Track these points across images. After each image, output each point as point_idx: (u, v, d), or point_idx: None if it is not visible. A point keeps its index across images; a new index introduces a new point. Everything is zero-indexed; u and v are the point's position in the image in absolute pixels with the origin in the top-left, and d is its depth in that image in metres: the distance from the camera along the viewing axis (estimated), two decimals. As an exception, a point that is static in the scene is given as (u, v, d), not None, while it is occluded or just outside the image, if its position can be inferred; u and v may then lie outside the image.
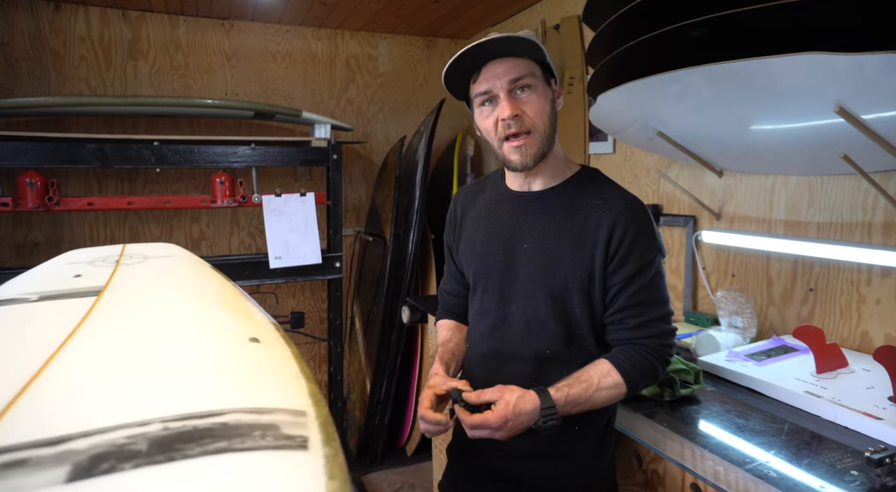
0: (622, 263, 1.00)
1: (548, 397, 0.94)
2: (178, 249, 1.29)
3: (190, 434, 0.37)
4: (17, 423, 0.40)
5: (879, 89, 1.05)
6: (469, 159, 3.11)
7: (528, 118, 1.00)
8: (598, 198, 1.04)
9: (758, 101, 1.28)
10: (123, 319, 0.71)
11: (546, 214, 1.07)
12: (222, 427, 0.38)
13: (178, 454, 0.33)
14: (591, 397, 0.96)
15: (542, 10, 2.56)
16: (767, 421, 1.10)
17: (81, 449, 0.35)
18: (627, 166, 2.08)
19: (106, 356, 0.55)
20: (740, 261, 1.66)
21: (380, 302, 2.85)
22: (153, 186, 2.76)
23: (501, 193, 1.15)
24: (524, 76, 0.99)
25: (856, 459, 0.95)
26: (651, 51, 1.31)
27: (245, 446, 0.35)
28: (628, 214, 1.01)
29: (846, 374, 1.24)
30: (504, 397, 0.94)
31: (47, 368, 0.50)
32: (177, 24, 2.76)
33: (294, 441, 0.36)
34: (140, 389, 0.47)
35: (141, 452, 0.34)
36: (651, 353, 1.00)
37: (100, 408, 0.43)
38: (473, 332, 1.18)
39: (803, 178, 1.48)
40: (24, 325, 0.68)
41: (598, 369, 0.98)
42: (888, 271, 1.31)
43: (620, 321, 1.02)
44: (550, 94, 1.04)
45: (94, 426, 0.38)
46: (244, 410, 0.42)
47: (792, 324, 1.52)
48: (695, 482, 1.04)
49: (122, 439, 0.36)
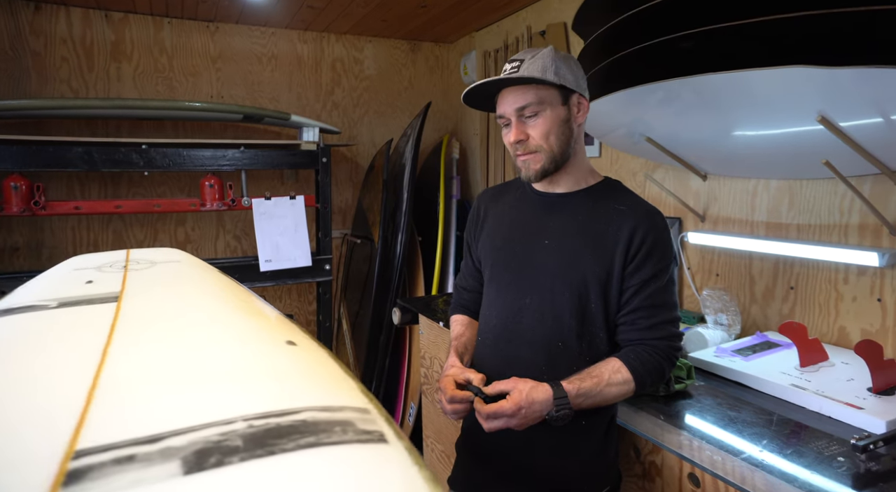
0: (640, 266, 1.06)
1: (560, 389, 0.99)
2: (183, 255, 1.30)
3: (277, 431, 0.39)
4: (100, 424, 0.41)
5: (855, 100, 1.12)
6: (455, 162, 3.15)
7: (534, 141, 1.10)
8: (620, 204, 1.11)
9: (742, 109, 1.34)
10: (154, 325, 0.72)
11: (569, 214, 1.14)
12: (303, 424, 0.41)
13: (276, 448, 0.36)
14: (601, 391, 1.01)
15: (528, 16, 2.62)
16: (757, 413, 1.16)
17: (181, 446, 0.37)
18: (614, 169, 2.14)
19: (156, 361, 0.57)
20: (724, 261, 1.74)
21: (367, 304, 2.87)
22: (137, 188, 2.73)
23: (527, 193, 1.22)
24: (530, 105, 1.09)
25: (841, 446, 1.01)
26: (640, 61, 1.37)
27: (331, 440, 0.38)
28: (649, 220, 1.08)
29: (827, 367, 1.32)
30: (518, 386, 1.00)
31: (102, 373, 0.52)
32: (161, 25, 2.74)
33: (373, 436, 0.40)
34: (206, 390, 0.49)
35: (239, 447, 0.37)
36: (659, 353, 1.05)
37: (176, 408, 0.45)
38: (487, 321, 1.23)
39: (783, 181, 1.56)
40: (53, 331, 0.69)
41: (609, 365, 1.04)
42: (863, 270, 1.39)
43: (633, 322, 1.07)
44: (564, 113, 1.11)
45: (182, 425, 0.40)
46: (316, 408, 0.44)
47: (774, 321, 1.60)
48: (692, 472, 1.09)
49: (215, 437, 0.39)
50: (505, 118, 1.13)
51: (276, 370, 0.57)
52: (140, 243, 2.76)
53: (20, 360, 0.58)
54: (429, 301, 2.46)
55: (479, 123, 3.12)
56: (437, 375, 2.23)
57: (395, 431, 0.42)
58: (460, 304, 1.36)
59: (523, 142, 1.10)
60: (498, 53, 2.85)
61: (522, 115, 1.10)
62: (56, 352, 0.61)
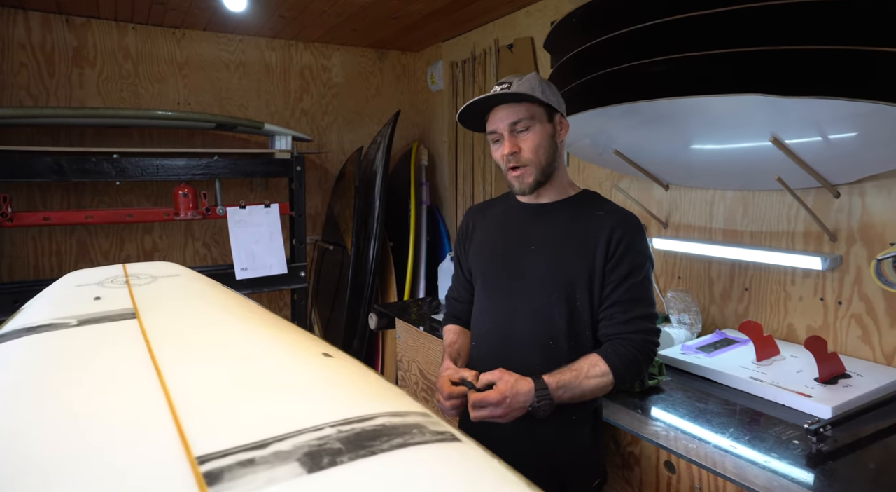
0: (618, 263, 1.16)
1: (541, 381, 1.08)
2: (181, 268, 1.33)
3: (366, 434, 0.46)
4: (202, 433, 0.46)
5: (799, 122, 1.26)
6: (424, 168, 3.22)
7: (525, 154, 1.20)
8: (599, 210, 1.23)
9: (700, 126, 1.48)
10: (187, 339, 0.77)
11: (552, 221, 1.24)
12: (384, 428, 0.47)
13: (376, 448, 0.43)
14: (580, 383, 1.10)
15: (496, 29, 2.72)
16: (722, 404, 1.29)
17: (289, 449, 0.43)
18: (581, 178, 2.27)
19: (213, 373, 0.62)
20: (685, 265, 1.88)
21: (340, 308, 2.91)
22: (102, 197, 2.67)
23: (512, 206, 1.32)
24: (521, 120, 1.19)
25: (795, 431, 1.15)
26: (613, 82, 1.48)
27: (416, 441, 0.45)
28: (625, 222, 1.19)
29: (779, 361, 1.46)
30: (504, 377, 1.08)
31: (168, 386, 0.56)
32: (125, 31, 2.69)
33: (445, 436, 0.47)
34: (278, 399, 0.55)
35: (342, 449, 0.43)
36: (635, 347, 1.15)
37: (262, 416, 0.50)
38: (480, 326, 1.31)
39: (738, 192, 1.71)
40: (89, 348, 0.72)
41: (588, 360, 1.13)
42: (808, 273, 1.55)
43: (611, 316, 1.17)
44: (550, 130, 1.22)
45: (279, 432, 0.46)
46: (387, 414, 0.51)
47: (731, 319, 1.75)
48: (668, 460, 1.21)
49: (314, 441, 0.44)
50: (497, 133, 1.22)
51: (330, 380, 0.63)
52: (106, 253, 2.70)
53: (77, 376, 0.62)
54: (405, 306, 2.52)
55: (447, 131, 3.20)
56: (415, 377, 2.29)
57: (459, 431, 0.49)
58: (452, 314, 1.44)
59: (516, 154, 1.19)
60: (465, 64, 2.94)
61: (515, 129, 1.19)
62: (107, 368, 0.65)
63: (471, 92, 2.91)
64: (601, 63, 1.48)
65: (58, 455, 0.42)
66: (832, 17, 1.08)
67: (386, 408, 0.52)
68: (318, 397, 0.55)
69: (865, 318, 1.44)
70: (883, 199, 1.39)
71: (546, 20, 2.39)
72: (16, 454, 0.42)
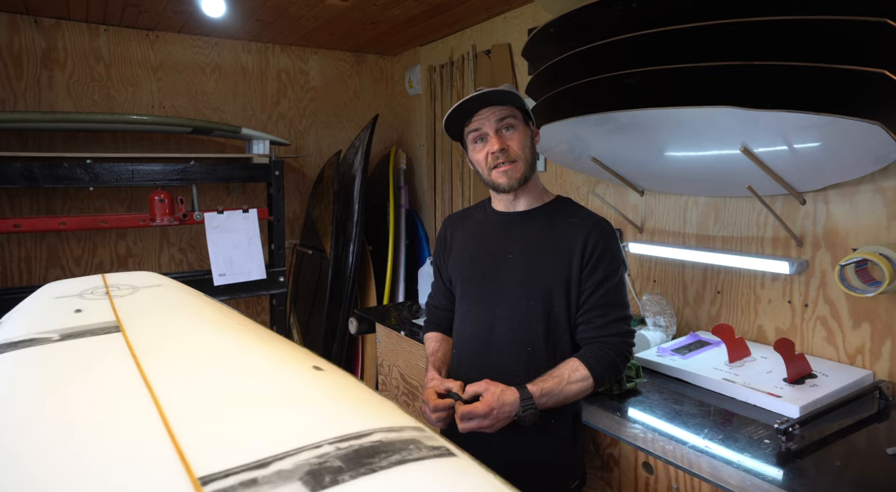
0: (594, 269, 1.20)
1: (525, 390, 1.12)
2: (162, 278, 1.32)
3: (364, 451, 0.47)
4: (201, 452, 0.46)
5: (768, 133, 1.32)
6: (402, 172, 3.23)
7: (513, 150, 1.23)
8: (573, 217, 1.26)
9: (673, 134, 1.52)
10: (176, 354, 0.77)
11: (529, 229, 1.27)
12: (381, 444, 0.49)
13: (375, 466, 0.44)
14: (562, 389, 1.13)
15: (474, 35, 2.74)
16: (697, 405, 1.34)
17: (290, 468, 0.44)
18: (558, 183, 2.31)
19: (207, 389, 0.62)
20: (660, 268, 1.94)
21: (319, 313, 2.90)
22: (74, 201, 2.62)
23: (489, 214, 1.34)
24: (508, 117, 1.22)
25: (766, 430, 1.20)
26: (586, 93, 1.51)
27: (413, 457, 0.46)
28: (599, 229, 1.23)
29: (750, 362, 1.52)
30: (490, 389, 1.11)
31: (161, 403, 0.57)
32: (97, 33, 2.64)
33: (441, 451, 0.48)
34: (274, 416, 0.55)
35: (342, 467, 0.44)
36: (613, 349, 1.19)
37: (259, 434, 0.50)
38: (461, 333, 1.33)
39: (710, 198, 1.77)
40: (75, 364, 0.72)
41: (568, 365, 1.17)
42: (776, 277, 1.61)
43: (589, 320, 1.21)
44: (530, 133, 1.27)
45: (279, 450, 0.46)
46: (382, 429, 0.52)
47: (704, 321, 1.81)
48: (646, 461, 1.25)
49: (314, 459, 0.45)
50: (481, 132, 1.24)
51: (324, 395, 0.64)
52: (77, 259, 2.65)
53: (65, 395, 0.61)
54: (384, 310, 2.53)
55: (425, 135, 3.21)
56: (396, 381, 2.30)
57: (453, 446, 0.51)
58: (433, 322, 1.46)
59: (505, 150, 1.22)
60: (443, 68, 2.96)
61: (501, 127, 1.22)
62: (97, 385, 0.64)
63: (449, 97, 2.93)
64: (578, 73, 1.52)
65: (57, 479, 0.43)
66: (797, 36, 1.13)
67: (381, 423, 0.53)
68: (314, 413, 0.56)
69: (830, 320, 1.50)
70: (845, 206, 1.45)
71: (523, 27, 2.42)
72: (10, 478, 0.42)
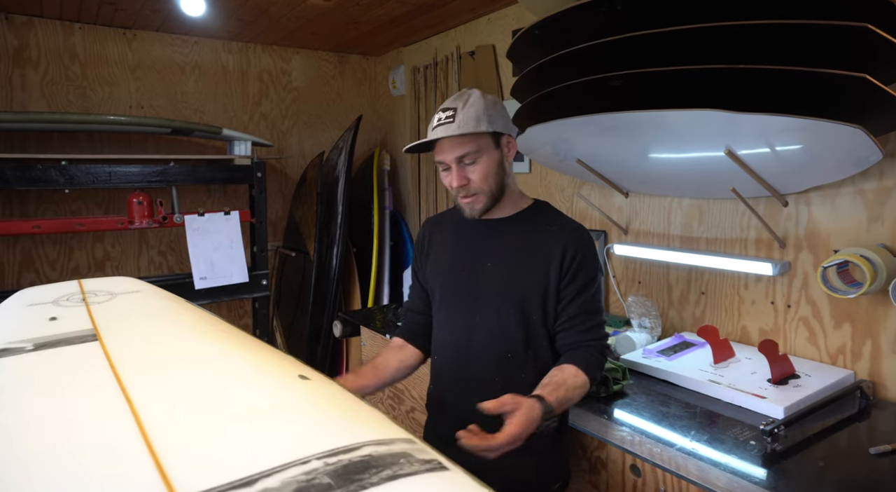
0: (573, 279, 1.20)
1: (546, 403, 1.07)
2: (140, 283, 1.28)
3: (353, 467, 0.45)
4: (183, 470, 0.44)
5: (751, 135, 1.33)
6: (386, 173, 3.21)
7: (474, 184, 1.21)
8: (551, 225, 1.25)
9: (657, 136, 1.52)
10: (156, 364, 0.74)
11: (507, 237, 1.26)
12: (371, 459, 0.47)
13: (366, 483, 0.42)
14: (570, 398, 1.13)
15: (458, 36, 2.73)
16: (683, 407, 1.34)
17: (276, 487, 0.42)
18: (543, 185, 2.31)
19: (188, 400, 0.60)
20: (645, 270, 1.94)
21: (303, 316, 2.86)
22: (48, 204, 2.55)
23: (466, 220, 1.31)
24: (468, 154, 1.19)
25: (752, 431, 1.20)
26: (571, 95, 1.51)
27: (405, 472, 0.45)
28: (577, 237, 1.22)
29: (735, 363, 1.53)
30: (521, 408, 1.02)
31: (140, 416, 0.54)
32: (71, 31, 2.57)
33: (432, 464, 0.47)
34: (260, 429, 0.53)
35: (332, 485, 0.43)
36: (597, 352, 1.21)
37: (243, 449, 0.48)
38: (440, 340, 1.32)
39: (694, 200, 1.78)
40: (50, 377, 0.69)
41: (569, 371, 1.16)
42: (760, 278, 1.63)
43: (571, 327, 1.21)
44: (497, 156, 1.22)
45: (265, 467, 0.44)
46: (372, 442, 0.50)
47: (689, 322, 1.82)
48: (634, 463, 1.25)
49: (301, 476, 0.44)
50: (445, 164, 1.22)
51: (310, 405, 0.62)
52: (53, 263, 2.58)
53: (39, 409, 0.59)
54: (369, 313, 2.51)
55: (409, 136, 3.20)
56: (381, 385, 2.28)
57: (444, 458, 0.49)
58: (405, 327, 1.44)
59: (465, 186, 1.21)
60: (427, 70, 2.95)
61: (462, 162, 1.20)
62: (72, 398, 0.62)
63: (433, 97, 2.92)
64: (562, 75, 1.51)
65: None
66: (780, 40, 1.14)
67: (370, 436, 0.52)
68: (300, 426, 0.54)
69: (812, 320, 1.52)
70: (826, 208, 1.47)
71: (507, 28, 2.42)
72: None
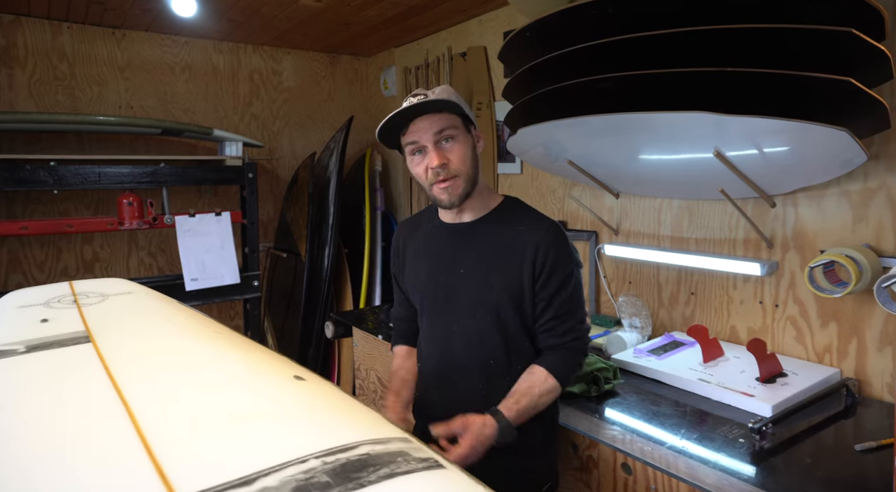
0: (548, 280, 1.18)
1: (502, 417, 1.10)
2: (132, 285, 1.28)
3: (351, 465, 0.46)
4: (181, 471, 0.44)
5: (739, 137, 1.35)
6: (378, 174, 3.21)
7: (454, 165, 1.15)
8: (521, 224, 1.22)
9: (647, 138, 1.54)
10: (150, 366, 0.74)
11: (478, 242, 1.24)
12: (369, 457, 0.48)
13: (364, 481, 0.43)
14: (536, 405, 1.14)
15: (449, 37, 2.74)
16: (673, 406, 1.36)
17: (275, 485, 0.42)
18: (534, 186, 2.32)
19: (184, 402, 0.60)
20: (635, 270, 1.96)
21: (294, 317, 2.86)
22: (36, 205, 2.52)
23: (437, 226, 1.30)
24: (447, 128, 1.14)
25: (741, 429, 1.22)
26: (562, 97, 1.52)
27: (402, 470, 0.45)
28: (548, 236, 1.19)
29: (724, 361, 1.55)
30: (469, 428, 1.08)
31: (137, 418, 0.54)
32: (60, 30, 2.55)
33: (429, 463, 0.48)
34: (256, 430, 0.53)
35: (330, 483, 0.43)
36: (575, 351, 1.22)
37: (241, 450, 0.49)
38: (423, 351, 1.33)
39: (684, 201, 1.80)
40: (44, 378, 0.69)
41: (537, 377, 1.16)
42: (748, 278, 1.65)
43: (551, 328, 1.20)
44: (471, 141, 1.20)
45: (263, 466, 0.45)
46: (369, 441, 0.51)
47: (679, 322, 1.84)
48: (625, 462, 1.26)
49: (301, 475, 0.44)
50: (418, 144, 1.15)
51: (307, 406, 0.62)
52: (41, 265, 2.55)
53: (35, 411, 0.59)
54: (361, 314, 2.51)
55: (401, 136, 3.20)
56: (373, 385, 2.29)
57: (441, 457, 0.50)
58: (399, 334, 1.44)
59: (445, 165, 1.14)
60: (419, 70, 2.95)
61: (440, 139, 1.14)
62: (67, 400, 0.62)
63: (424, 99, 2.92)
64: (553, 77, 1.53)
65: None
66: (768, 44, 1.16)
67: (367, 435, 0.52)
68: (298, 426, 0.54)
69: (799, 320, 1.54)
70: (813, 209, 1.49)
71: (499, 29, 2.43)
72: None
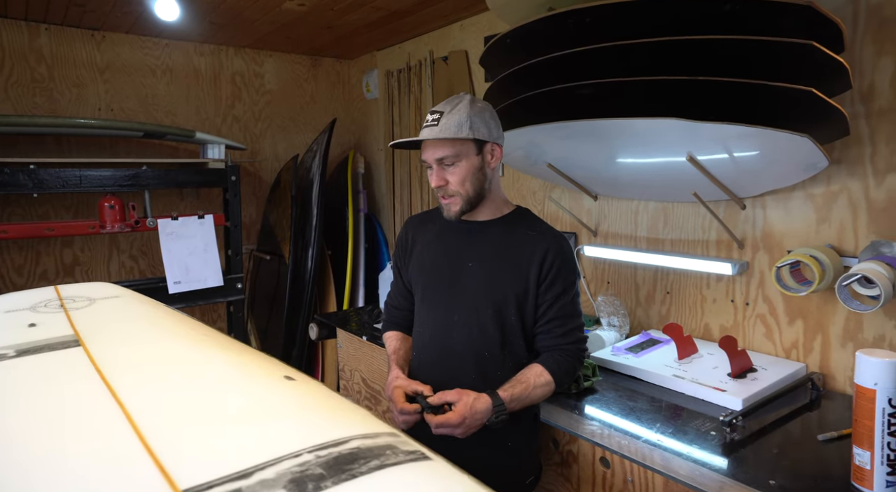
0: (552, 284, 1.26)
1: (497, 397, 1.16)
2: (119, 289, 1.30)
3: (345, 458, 0.49)
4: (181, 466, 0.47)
5: (710, 142, 1.40)
6: (361, 176, 3.23)
7: (452, 187, 1.28)
8: (531, 230, 1.31)
9: (624, 142, 1.59)
10: (143, 368, 0.77)
11: (488, 239, 1.31)
12: (359, 451, 0.51)
13: (356, 472, 0.46)
14: (529, 394, 1.20)
15: (431, 41, 2.78)
16: (649, 402, 1.41)
17: (273, 478, 0.46)
18: (515, 188, 2.36)
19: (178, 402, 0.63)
20: (613, 270, 2.02)
21: (277, 319, 2.86)
22: (14, 208, 2.50)
23: (449, 221, 1.36)
24: (447, 157, 1.26)
25: (712, 423, 1.27)
26: (541, 102, 1.57)
27: (391, 462, 0.49)
28: (557, 244, 1.28)
29: (698, 358, 1.61)
30: (463, 398, 1.15)
31: (134, 418, 0.57)
32: (37, 32, 2.53)
33: (416, 455, 0.51)
34: (251, 427, 0.56)
35: (324, 474, 0.46)
36: (572, 355, 1.27)
37: (238, 446, 0.52)
38: (420, 337, 1.37)
39: (659, 203, 1.86)
40: (37, 381, 0.71)
41: (533, 371, 1.23)
42: (720, 277, 1.71)
43: (549, 330, 1.27)
44: (478, 162, 1.28)
45: (259, 460, 0.48)
46: (359, 436, 0.54)
47: (655, 320, 1.89)
48: (603, 456, 1.30)
49: (296, 467, 0.47)
50: (427, 163, 1.30)
51: (298, 404, 0.65)
52: (20, 268, 2.53)
53: (32, 414, 0.61)
54: (345, 315, 2.53)
55: (383, 139, 3.23)
56: (358, 386, 2.31)
57: (427, 449, 0.53)
58: (393, 321, 1.49)
59: (443, 187, 1.28)
60: (401, 74, 2.98)
61: (442, 163, 1.27)
62: (64, 403, 0.64)
63: (406, 101, 2.96)
64: (532, 83, 1.57)
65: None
66: (737, 55, 1.22)
67: (357, 430, 0.55)
68: (290, 423, 0.57)
69: (768, 317, 1.61)
70: (780, 211, 1.56)
71: (480, 34, 2.47)
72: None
